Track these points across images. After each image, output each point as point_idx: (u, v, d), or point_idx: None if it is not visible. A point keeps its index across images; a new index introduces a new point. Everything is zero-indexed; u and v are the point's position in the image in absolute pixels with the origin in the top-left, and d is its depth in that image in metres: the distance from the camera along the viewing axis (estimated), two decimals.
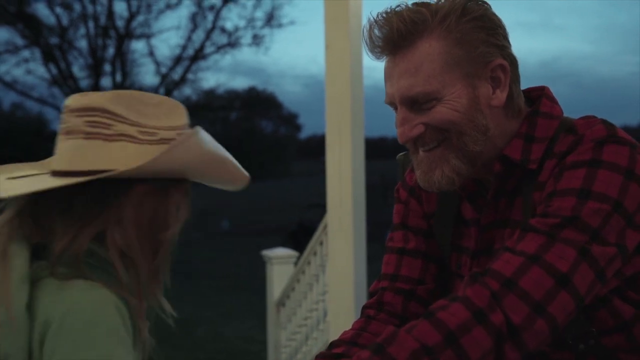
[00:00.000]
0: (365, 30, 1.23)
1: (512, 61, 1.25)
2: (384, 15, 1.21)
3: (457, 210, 1.35)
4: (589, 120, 1.23)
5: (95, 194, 1.11)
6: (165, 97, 1.20)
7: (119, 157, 1.10)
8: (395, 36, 1.20)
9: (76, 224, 1.10)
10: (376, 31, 1.21)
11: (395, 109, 1.25)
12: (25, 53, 26.61)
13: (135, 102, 1.14)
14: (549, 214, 1.14)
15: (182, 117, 1.19)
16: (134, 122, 1.13)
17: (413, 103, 1.21)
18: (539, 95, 1.30)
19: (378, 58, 1.25)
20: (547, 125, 1.25)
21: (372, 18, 1.22)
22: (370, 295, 1.40)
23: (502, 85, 1.23)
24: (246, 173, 1.27)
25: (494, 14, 1.24)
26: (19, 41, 25.91)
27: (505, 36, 1.25)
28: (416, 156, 1.26)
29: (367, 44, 1.23)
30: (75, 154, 1.11)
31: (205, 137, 1.14)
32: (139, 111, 1.14)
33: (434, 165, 1.23)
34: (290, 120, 58.22)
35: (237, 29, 28.35)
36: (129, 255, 1.14)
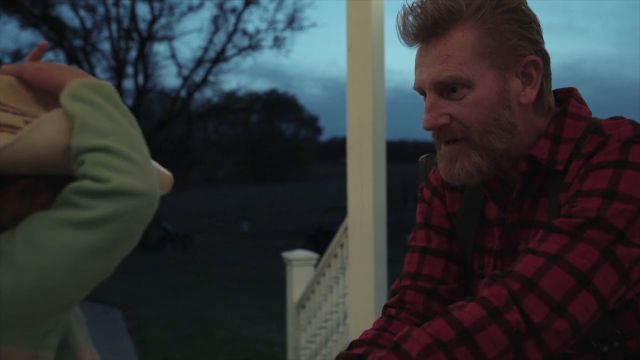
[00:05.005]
0: (399, 17, 1.23)
1: (545, 57, 1.24)
2: (419, 2, 1.22)
3: (481, 210, 1.35)
4: (617, 121, 1.21)
5: None
6: None
7: None
8: (429, 24, 1.20)
9: None
10: (410, 18, 1.22)
11: (423, 95, 1.25)
12: (50, 55, 26.94)
13: (26, 89, 1.00)
14: (573, 214, 1.13)
15: None
16: (18, 110, 0.97)
17: (442, 89, 1.21)
18: (567, 97, 1.29)
19: (410, 45, 1.25)
20: (575, 126, 1.24)
21: (406, 5, 1.23)
22: (392, 294, 1.40)
23: (534, 82, 1.22)
24: (166, 172, 1.07)
25: (529, 8, 1.24)
26: None
27: (539, 31, 1.24)
28: (440, 150, 1.26)
29: (400, 30, 1.24)
30: None
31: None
32: (28, 99, 0.99)
33: (454, 159, 1.23)
34: (311, 123, 58.41)
35: (258, 31, 28.52)
36: None
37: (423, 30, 1.21)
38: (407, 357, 1.05)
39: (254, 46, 28.31)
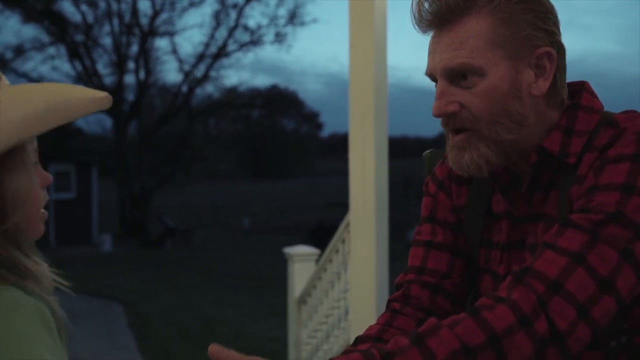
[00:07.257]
0: (414, 3, 1.23)
1: (560, 49, 1.23)
2: None
3: (488, 204, 1.34)
4: (631, 114, 1.21)
5: None
6: None
7: None
8: (444, 10, 1.20)
9: None
10: (425, 4, 1.22)
11: (435, 81, 1.25)
12: (51, 50, 26.96)
13: None
14: (591, 209, 1.12)
15: None
16: None
17: (454, 76, 1.21)
18: (579, 90, 1.28)
19: (424, 32, 1.25)
20: (587, 119, 1.23)
21: None
22: (396, 287, 1.39)
23: (546, 74, 1.22)
24: (98, 93, 1.07)
25: None
26: (45, 38, 26.24)
27: (555, 22, 1.23)
28: (449, 140, 1.26)
29: (415, 16, 1.24)
30: None
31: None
32: None
33: (463, 149, 1.23)
34: (312, 119, 58.41)
35: (259, 26, 28.53)
36: None
37: (437, 17, 1.21)
38: (431, 358, 1.03)
39: (255, 42, 28.31)
